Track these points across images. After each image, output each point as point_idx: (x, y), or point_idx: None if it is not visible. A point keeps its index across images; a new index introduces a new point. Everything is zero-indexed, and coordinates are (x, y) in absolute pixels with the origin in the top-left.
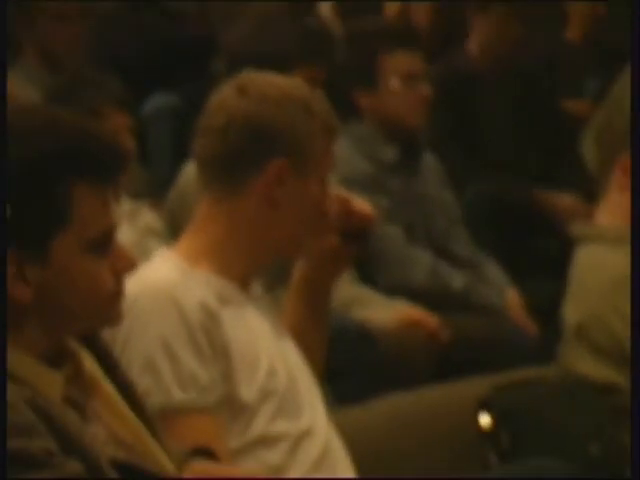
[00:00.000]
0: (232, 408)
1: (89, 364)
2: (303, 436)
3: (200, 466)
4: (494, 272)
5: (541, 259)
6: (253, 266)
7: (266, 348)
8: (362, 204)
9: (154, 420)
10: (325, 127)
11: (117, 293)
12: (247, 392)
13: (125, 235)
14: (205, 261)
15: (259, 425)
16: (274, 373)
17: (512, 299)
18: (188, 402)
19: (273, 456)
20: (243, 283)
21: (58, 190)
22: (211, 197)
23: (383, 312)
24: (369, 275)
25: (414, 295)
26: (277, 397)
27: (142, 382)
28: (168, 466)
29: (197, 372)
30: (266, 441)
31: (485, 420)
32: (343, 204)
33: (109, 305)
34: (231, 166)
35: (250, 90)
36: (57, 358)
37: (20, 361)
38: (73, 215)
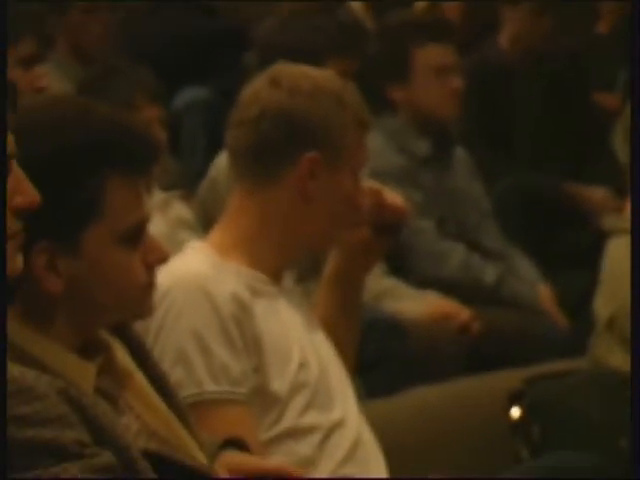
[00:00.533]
0: (263, 400)
1: (121, 355)
2: (334, 428)
3: (231, 457)
4: (525, 265)
5: (572, 252)
6: (285, 259)
7: (298, 340)
8: (394, 197)
9: (186, 411)
10: (357, 120)
11: (149, 285)
12: (279, 384)
13: (157, 227)
14: (237, 253)
15: (290, 417)
16: (306, 365)
17: (543, 292)
18: (220, 394)
19: (303, 448)
20: (275, 276)
21: (90, 181)
22: (243, 189)
23: (414, 304)
24: (400, 268)
25: (446, 288)
26: (308, 389)
27: (174, 374)
28: (200, 457)
29: (229, 364)
30: (297, 433)
31: (516, 413)
32: (375, 196)
33: (140, 298)
34: (263, 158)
35: (283, 82)
36: (89, 349)
37: (52, 352)
38: (105, 207)
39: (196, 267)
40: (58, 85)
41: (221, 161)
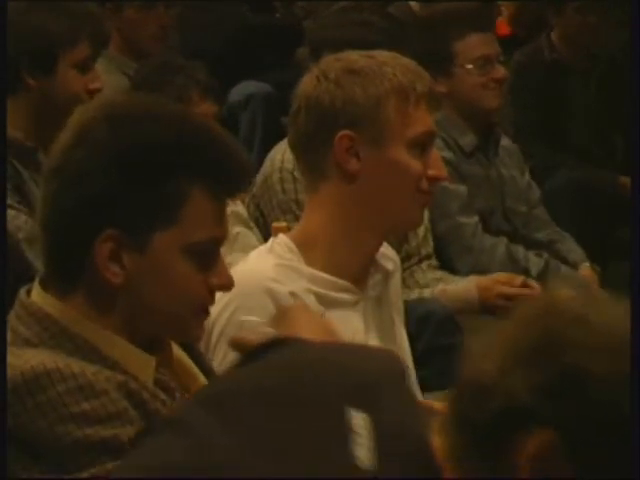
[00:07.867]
0: None
1: (176, 349)
2: None
3: None
4: (571, 248)
5: (626, 246)
6: (360, 255)
7: None
8: None
9: None
10: (400, 90)
11: (202, 307)
12: None
13: None
14: (317, 255)
15: None
16: None
17: (586, 273)
18: None
19: None
20: (357, 280)
21: (176, 185)
22: (306, 187)
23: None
24: (448, 263)
25: None
26: None
27: None
28: None
29: None
30: None
31: None
32: None
33: (190, 316)
34: (305, 151)
35: (315, 72)
36: (149, 342)
37: (113, 343)
38: (183, 214)
39: (264, 271)
40: (111, 79)
41: (274, 156)
